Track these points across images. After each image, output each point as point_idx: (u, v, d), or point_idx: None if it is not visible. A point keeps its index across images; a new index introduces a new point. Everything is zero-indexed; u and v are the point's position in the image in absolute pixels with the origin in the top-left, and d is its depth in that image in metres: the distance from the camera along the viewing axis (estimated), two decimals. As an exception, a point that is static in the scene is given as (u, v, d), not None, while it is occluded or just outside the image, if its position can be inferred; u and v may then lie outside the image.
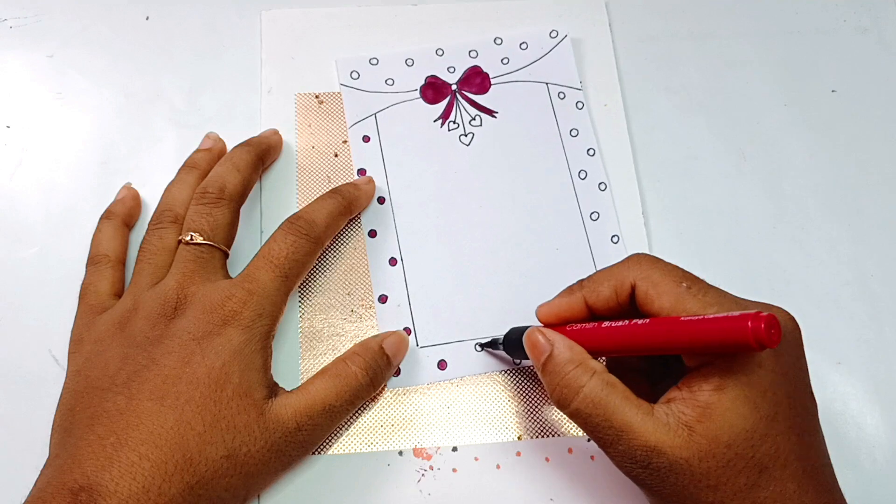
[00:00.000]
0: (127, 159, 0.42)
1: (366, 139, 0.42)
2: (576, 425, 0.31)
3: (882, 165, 0.44)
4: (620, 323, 0.30)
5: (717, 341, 0.27)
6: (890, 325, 0.41)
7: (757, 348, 0.26)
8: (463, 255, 0.40)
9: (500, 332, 0.37)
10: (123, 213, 0.39)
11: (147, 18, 0.45)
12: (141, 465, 0.29)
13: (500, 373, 0.38)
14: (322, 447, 0.36)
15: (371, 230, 0.40)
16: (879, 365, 0.40)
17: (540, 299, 0.36)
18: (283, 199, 0.41)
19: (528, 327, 0.33)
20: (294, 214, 0.37)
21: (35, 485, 0.31)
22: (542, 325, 0.33)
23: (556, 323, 0.33)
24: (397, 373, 0.38)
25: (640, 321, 0.29)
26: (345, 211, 0.38)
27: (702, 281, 0.30)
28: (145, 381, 0.31)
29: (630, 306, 0.31)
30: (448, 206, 0.41)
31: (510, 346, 0.36)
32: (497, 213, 0.41)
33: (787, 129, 0.45)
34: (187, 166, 0.40)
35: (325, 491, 0.36)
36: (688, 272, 0.31)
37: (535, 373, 0.38)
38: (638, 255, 0.32)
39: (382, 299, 0.39)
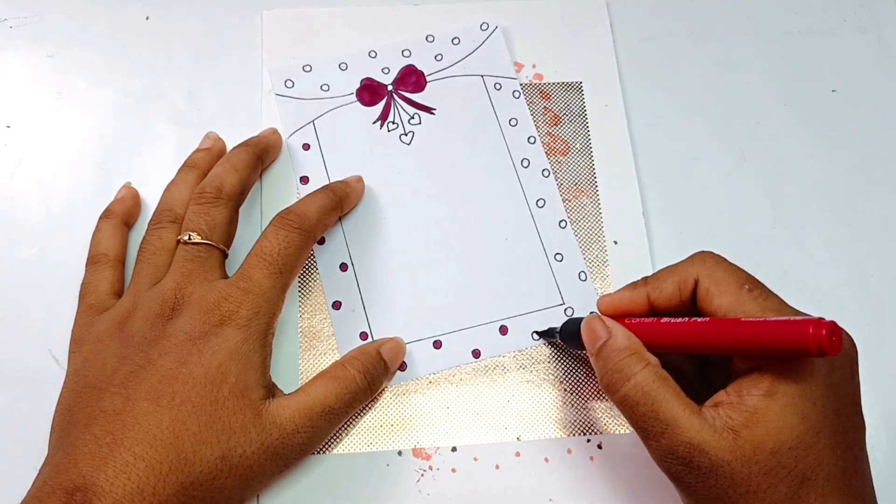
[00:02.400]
0: (127, 159, 0.42)
1: (306, 147, 0.42)
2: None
3: (882, 165, 0.44)
4: (680, 319, 0.30)
5: (777, 344, 0.27)
6: (890, 325, 0.41)
7: (816, 354, 0.25)
8: (413, 254, 0.40)
9: (456, 328, 0.39)
10: (123, 212, 0.39)
11: (147, 18, 0.45)
12: (136, 465, 0.29)
13: (494, 372, 0.38)
14: (321, 447, 0.36)
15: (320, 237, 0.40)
16: (879, 365, 0.40)
17: (494, 290, 0.38)
18: (283, 198, 0.41)
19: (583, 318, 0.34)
20: (285, 209, 0.37)
21: (33, 484, 0.31)
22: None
23: (616, 315, 0.33)
24: None
25: (699, 319, 0.30)
26: (336, 206, 0.38)
27: (763, 286, 0.30)
28: (142, 382, 0.31)
29: (691, 305, 0.31)
30: (394, 207, 0.41)
31: (566, 336, 0.37)
32: (444, 209, 0.41)
33: (787, 129, 0.45)
34: (187, 166, 0.40)
35: (324, 491, 0.36)
36: (751, 276, 0.31)
37: (534, 373, 0.38)
38: (704, 252, 0.32)
39: (336, 305, 0.39)
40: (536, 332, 0.39)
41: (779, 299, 0.30)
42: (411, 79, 0.44)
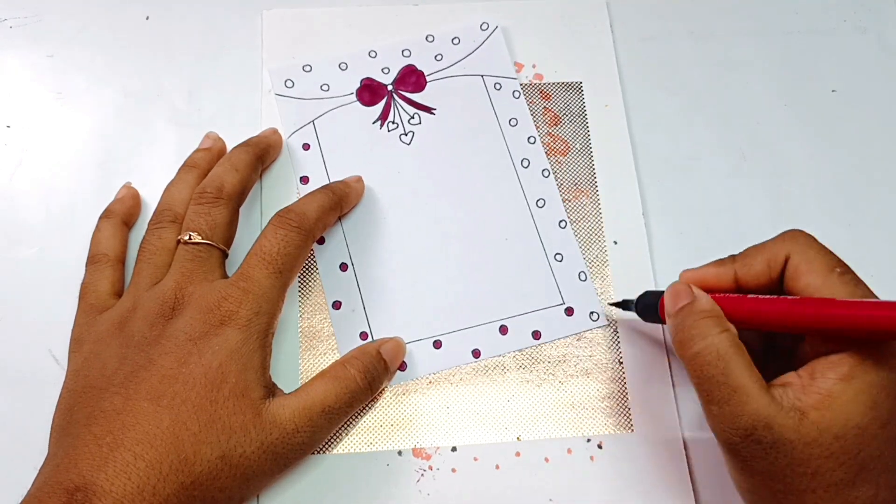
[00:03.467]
0: (127, 159, 0.42)
1: (306, 147, 0.42)
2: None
3: (882, 165, 0.44)
4: (767, 297, 0.30)
5: (869, 325, 0.27)
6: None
7: None
8: (413, 254, 0.40)
9: (456, 328, 0.39)
10: (123, 212, 0.39)
11: (147, 18, 0.45)
12: (136, 464, 0.29)
13: (494, 372, 0.38)
14: (321, 447, 0.36)
15: (319, 237, 0.40)
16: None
17: (494, 290, 0.38)
18: (283, 198, 0.41)
19: (663, 292, 0.34)
20: (284, 208, 0.37)
21: (33, 484, 0.31)
22: None
23: (701, 288, 0.33)
24: None
25: (790, 297, 0.30)
26: (335, 206, 0.38)
27: (853, 272, 0.30)
28: (142, 382, 0.31)
29: (778, 286, 0.31)
30: (394, 207, 0.41)
31: (643, 307, 0.36)
32: (444, 209, 0.41)
33: (787, 129, 0.45)
34: (187, 166, 0.40)
35: (324, 491, 0.36)
36: (842, 261, 0.30)
37: (534, 373, 0.38)
38: (795, 230, 0.32)
39: (336, 305, 0.39)
40: (610, 303, 0.39)
41: (867, 287, 0.30)
42: (411, 79, 0.44)
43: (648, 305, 0.36)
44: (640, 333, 0.39)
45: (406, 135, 0.43)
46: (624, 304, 0.38)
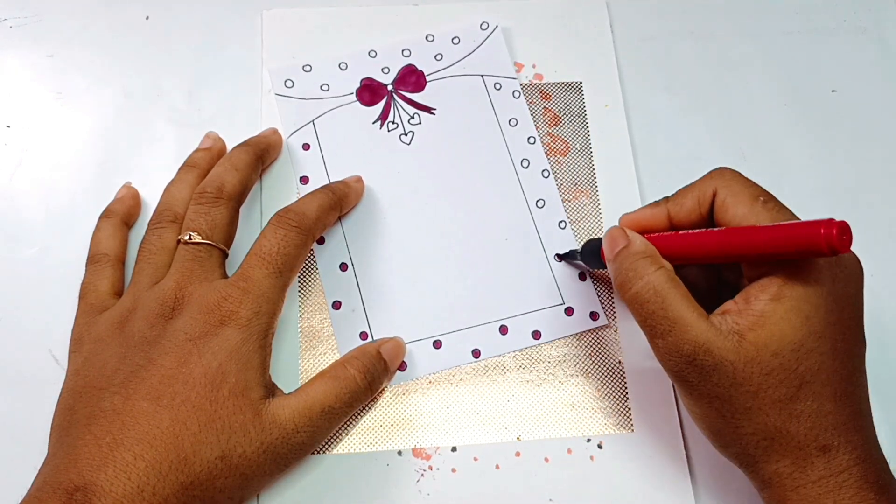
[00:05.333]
0: (127, 159, 0.42)
1: (306, 147, 0.42)
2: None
3: (882, 165, 0.44)
4: (696, 231, 0.32)
5: (790, 246, 0.28)
6: (890, 324, 0.41)
7: (828, 252, 0.27)
8: (413, 254, 0.40)
9: (456, 328, 0.39)
10: (123, 211, 0.39)
11: (147, 18, 0.45)
12: (136, 464, 0.29)
13: (494, 372, 0.38)
14: (321, 447, 0.36)
15: (319, 237, 0.40)
16: (879, 365, 0.40)
17: (494, 290, 0.39)
18: (283, 198, 0.41)
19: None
20: (283, 208, 0.37)
21: (33, 484, 0.31)
22: None
23: (638, 231, 0.34)
24: None
25: (716, 229, 0.31)
26: (335, 206, 0.38)
27: (777, 200, 0.31)
28: (142, 382, 0.31)
29: (709, 221, 0.33)
30: (394, 207, 0.41)
31: (587, 254, 0.38)
32: (444, 209, 0.41)
33: (787, 129, 0.45)
34: (187, 166, 0.40)
35: (324, 491, 0.36)
36: (766, 190, 0.32)
37: (534, 373, 0.38)
38: (721, 167, 0.33)
39: (336, 305, 0.39)
40: (557, 255, 0.40)
41: (791, 212, 0.31)
42: (411, 78, 0.44)
43: (592, 252, 0.37)
44: (640, 333, 0.39)
45: (406, 135, 0.43)
46: (570, 255, 0.40)
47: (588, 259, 0.38)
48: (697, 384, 0.30)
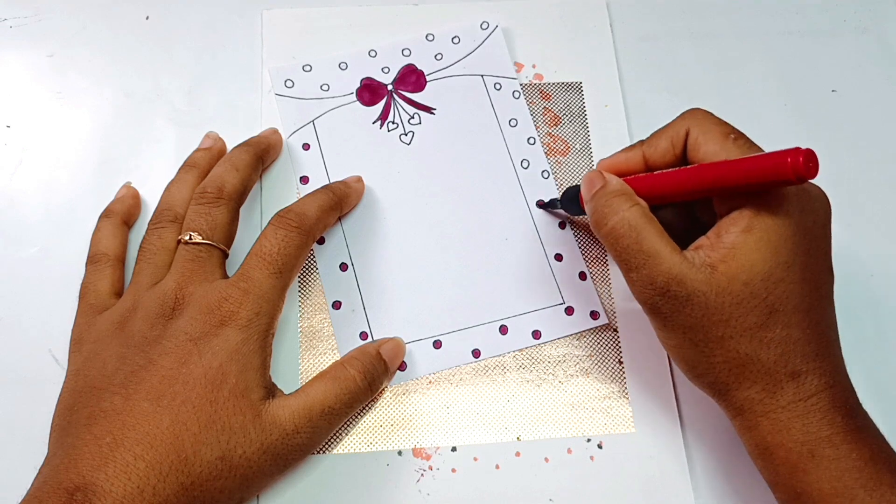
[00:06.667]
0: (127, 159, 0.42)
1: (306, 147, 0.42)
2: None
3: (882, 165, 0.44)
4: (669, 170, 0.33)
5: (758, 176, 0.29)
6: (890, 324, 0.41)
7: (795, 179, 0.28)
8: (413, 254, 0.40)
9: (456, 328, 0.39)
10: (123, 211, 0.39)
11: (147, 18, 0.45)
12: (136, 465, 0.29)
13: (494, 372, 0.38)
14: (321, 447, 0.36)
15: (319, 237, 0.40)
16: (879, 365, 0.40)
17: (494, 291, 0.39)
18: (283, 198, 0.41)
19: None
20: (283, 209, 0.37)
21: (32, 484, 0.31)
22: None
23: (615, 174, 0.35)
24: None
25: (687, 167, 0.32)
26: (335, 206, 0.38)
27: (747, 137, 0.32)
28: (142, 382, 0.31)
29: (683, 160, 0.34)
30: (394, 207, 0.41)
31: (567, 200, 0.39)
32: (444, 209, 0.41)
33: (787, 129, 0.45)
34: (187, 165, 0.40)
35: (324, 491, 0.36)
36: (735, 128, 0.33)
37: (534, 373, 0.38)
38: (693, 108, 0.34)
39: (336, 305, 0.39)
40: (538, 203, 0.41)
41: (760, 149, 0.32)
42: (411, 78, 0.44)
43: (571, 198, 0.38)
44: (641, 333, 0.39)
45: (406, 135, 0.43)
46: (550, 203, 0.41)
47: (567, 205, 0.39)
48: (671, 315, 0.31)
